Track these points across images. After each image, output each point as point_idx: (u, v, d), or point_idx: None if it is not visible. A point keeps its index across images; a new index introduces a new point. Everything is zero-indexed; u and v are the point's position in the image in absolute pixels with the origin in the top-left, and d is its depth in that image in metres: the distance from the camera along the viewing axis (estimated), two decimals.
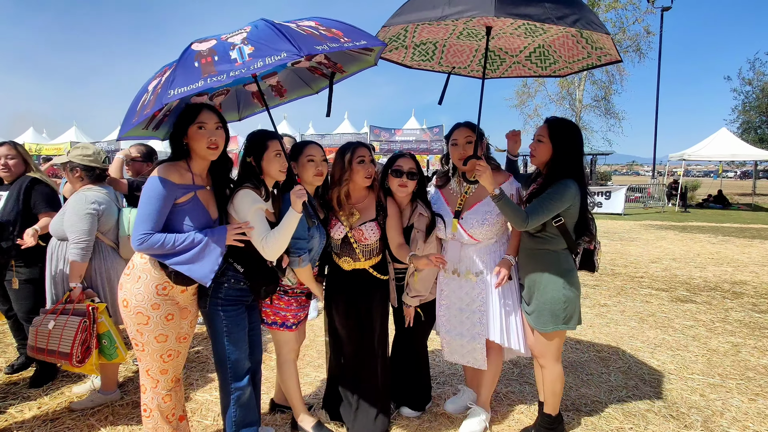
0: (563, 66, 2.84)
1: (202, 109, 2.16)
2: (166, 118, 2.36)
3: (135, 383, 3.42)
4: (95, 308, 2.80)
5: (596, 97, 25.48)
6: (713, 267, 7.60)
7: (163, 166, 2.11)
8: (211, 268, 2.08)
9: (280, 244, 2.19)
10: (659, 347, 4.16)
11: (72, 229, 2.86)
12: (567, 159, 2.45)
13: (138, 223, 2.04)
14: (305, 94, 2.88)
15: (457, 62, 3.06)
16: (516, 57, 2.93)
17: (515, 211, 2.37)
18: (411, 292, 2.66)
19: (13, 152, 3.36)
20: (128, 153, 3.81)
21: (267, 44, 1.77)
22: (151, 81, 1.97)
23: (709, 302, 5.59)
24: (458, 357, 2.79)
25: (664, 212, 17.39)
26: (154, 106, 1.73)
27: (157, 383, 2.24)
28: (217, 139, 2.17)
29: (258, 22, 1.93)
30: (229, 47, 1.78)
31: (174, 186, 2.07)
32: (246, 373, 2.38)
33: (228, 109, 2.79)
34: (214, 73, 1.68)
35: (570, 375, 3.57)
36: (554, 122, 2.51)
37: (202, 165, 2.22)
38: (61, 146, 22.02)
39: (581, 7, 2.18)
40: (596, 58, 2.64)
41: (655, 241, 10.39)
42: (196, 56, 1.76)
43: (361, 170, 2.54)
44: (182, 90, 1.68)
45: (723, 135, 19.30)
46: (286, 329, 2.59)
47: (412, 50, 2.93)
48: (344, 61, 2.63)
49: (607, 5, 23.42)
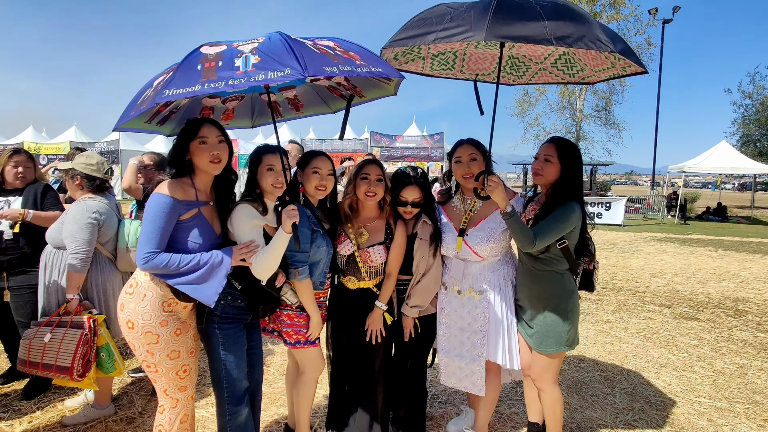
0: (590, 74, 2.74)
1: (203, 124, 2.13)
2: (172, 114, 2.31)
3: (129, 397, 3.33)
4: (95, 320, 2.73)
5: (597, 107, 25.60)
6: (715, 282, 7.56)
7: (166, 182, 2.07)
8: (216, 289, 2.02)
9: (267, 264, 2.12)
10: (664, 367, 4.10)
11: (71, 239, 2.79)
12: (573, 180, 2.43)
13: (142, 242, 1.98)
14: (321, 112, 2.83)
15: (480, 69, 2.99)
16: (541, 64, 2.86)
17: (524, 231, 2.32)
18: (411, 301, 2.58)
19: (28, 161, 3.38)
20: (141, 160, 3.77)
21: (273, 57, 1.71)
22: (159, 77, 1.94)
23: (712, 320, 5.53)
24: (455, 381, 2.70)
25: (663, 224, 17.37)
26: (149, 103, 1.70)
27: (177, 402, 2.17)
28: (220, 153, 2.12)
29: (273, 35, 1.87)
30: (236, 54, 1.73)
31: (177, 203, 2.02)
32: (243, 394, 2.31)
33: (241, 115, 2.73)
34: (213, 79, 1.63)
35: (574, 395, 3.50)
36: (562, 142, 2.47)
37: (205, 180, 2.18)
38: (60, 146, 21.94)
39: (586, 22, 2.05)
40: (621, 68, 2.54)
41: (655, 254, 10.35)
42: (201, 59, 1.72)
43: (363, 186, 2.50)
44: (178, 92, 1.63)
45: (723, 148, 19.35)
46: (311, 345, 2.48)
47: (430, 61, 2.89)
48: (364, 86, 2.60)
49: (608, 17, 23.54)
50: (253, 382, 2.46)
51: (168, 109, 2.26)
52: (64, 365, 2.60)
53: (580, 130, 25.88)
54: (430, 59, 2.88)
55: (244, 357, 2.31)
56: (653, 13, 22.65)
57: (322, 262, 2.46)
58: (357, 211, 2.60)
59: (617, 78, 2.70)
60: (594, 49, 2.01)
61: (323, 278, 2.50)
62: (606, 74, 2.67)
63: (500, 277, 2.62)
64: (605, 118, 25.59)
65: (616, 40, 2.10)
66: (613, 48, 2.00)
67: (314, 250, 2.39)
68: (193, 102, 2.40)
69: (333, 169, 2.51)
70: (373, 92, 2.64)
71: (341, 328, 2.65)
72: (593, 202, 16.85)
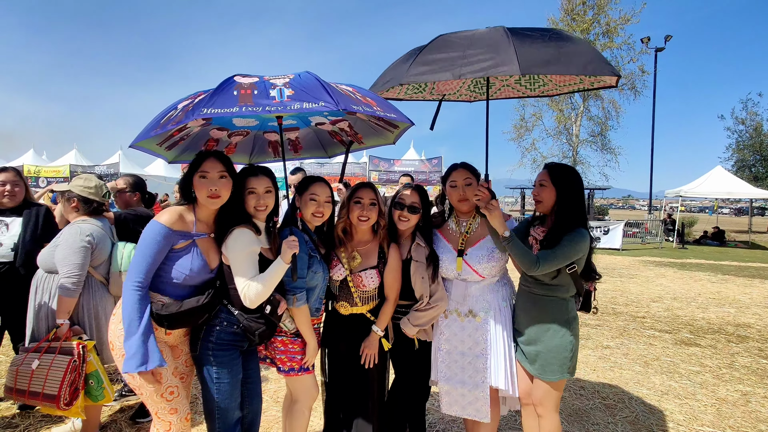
0: (553, 88, 2.88)
1: (207, 158, 2.15)
2: (182, 141, 2.34)
3: (118, 425, 3.24)
4: (84, 346, 2.67)
5: (593, 132, 25.89)
6: (715, 307, 7.49)
7: (167, 210, 2.11)
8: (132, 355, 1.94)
9: (262, 293, 2.10)
10: (666, 395, 4.02)
11: (64, 262, 2.75)
12: (573, 203, 2.42)
13: (133, 267, 2.02)
14: (318, 155, 2.98)
15: (447, 89, 3.14)
16: (506, 81, 2.99)
17: (525, 254, 2.33)
18: (414, 321, 2.53)
19: (17, 178, 3.36)
20: (114, 185, 3.73)
21: (307, 91, 1.82)
22: (183, 101, 2.00)
23: (714, 346, 5.46)
24: (458, 409, 2.63)
25: (661, 248, 17.35)
26: (182, 119, 1.76)
27: (169, 425, 2.12)
28: (219, 189, 2.14)
29: (302, 73, 1.98)
30: (270, 86, 1.82)
31: (172, 233, 2.06)
32: (236, 424, 2.25)
33: (241, 151, 2.80)
34: (250, 104, 1.72)
35: (575, 424, 3.41)
36: (554, 166, 2.50)
37: (207, 212, 2.20)
38: (61, 169, 22.03)
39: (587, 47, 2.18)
40: (588, 83, 2.66)
41: (654, 278, 10.29)
42: (236, 86, 1.80)
43: (356, 210, 2.49)
44: (216, 111, 1.70)
45: (718, 173, 19.50)
46: (305, 373, 2.43)
47: (406, 87, 3.02)
48: (366, 133, 2.71)
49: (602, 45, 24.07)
50: (252, 412, 2.41)
51: (180, 135, 2.30)
52: (51, 393, 2.53)
53: (577, 155, 26.11)
54: (407, 86, 3.00)
55: (238, 386, 2.26)
56: (646, 42, 23.17)
57: (319, 288, 2.43)
58: (350, 234, 2.58)
59: (582, 91, 2.86)
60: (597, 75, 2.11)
61: (319, 304, 2.47)
62: (570, 88, 2.81)
63: (499, 298, 2.60)
64: (601, 143, 25.86)
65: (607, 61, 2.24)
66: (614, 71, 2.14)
67: (311, 275, 2.37)
68: (201, 132, 2.44)
69: (331, 195, 2.51)
70: (372, 140, 2.75)
71: (335, 355, 2.60)
72: (591, 226, 16.84)
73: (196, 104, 1.76)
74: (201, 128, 2.36)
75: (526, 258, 2.31)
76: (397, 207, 2.58)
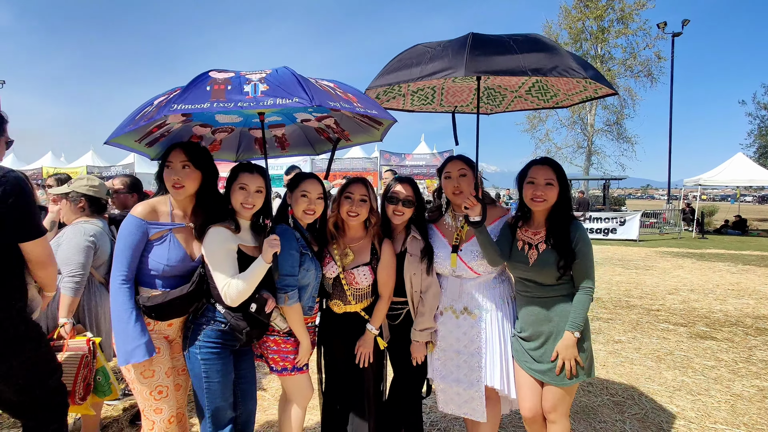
0: (564, 98, 2.84)
1: (173, 149, 2.17)
2: (162, 138, 2.34)
3: (120, 425, 3.27)
4: (94, 342, 2.70)
5: (608, 121, 25.38)
6: (734, 299, 7.27)
7: (141, 203, 2.14)
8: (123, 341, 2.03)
9: (242, 292, 2.07)
10: (678, 391, 3.90)
11: (68, 262, 2.77)
12: (567, 199, 2.37)
13: (115, 262, 2.06)
14: (306, 153, 2.96)
15: (458, 101, 3.09)
16: (516, 92, 2.95)
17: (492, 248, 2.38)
18: (419, 324, 2.48)
19: None
20: (112, 184, 3.73)
21: (282, 87, 1.79)
22: (159, 97, 2.00)
23: (731, 339, 5.29)
24: (454, 407, 2.57)
25: (680, 238, 16.95)
26: (154, 116, 1.75)
27: (153, 425, 2.13)
28: (181, 179, 2.14)
29: (280, 68, 1.95)
30: (245, 81, 1.80)
31: (143, 223, 2.09)
32: (227, 423, 2.23)
33: (227, 148, 2.78)
34: (222, 100, 1.70)
35: (581, 422, 3.33)
36: (557, 164, 2.40)
37: (183, 202, 2.21)
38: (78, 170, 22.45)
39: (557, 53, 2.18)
40: (593, 91, 2.65)
41: (671, 269, 10.05)
42: (210, 82, 1.79)
43: (345, 205, 2.46)
44: (187, 107, 1.68)
45: (739, 160, 18.90)
46: (298, 372, 2.40)
47: (410, 97, 2.99)
48: (352, 130, 2.68)
49: (616, 32, 23.53)
50: (245, 412, 2.39)
51: (160, 132, 2.28)
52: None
53: (592, 144, 25.64)
54: (410, 95, 3.00)
55: (229, 386, 2.24)
56: (662, 27, 22.53)
57: (311, 286, 2.40)
58: (342, 230, 2.55)
59: (590, 100, 2.86)
60: (567, 77, 2.14)
61: (312, 303, 2.44)
62: (578, 97, 2.78)
63: (496, 295, 2.53)
64: (617, 132, 25.33)
65: (586, 67, 2.26)
66: (584, 74, 2.13)
67: (303, 273, 2.34)
68: (184, 129, 2.42)
69: (323, 192, 2.47)
70: (359, 137, 2.73)
71: (330, 354, 2.57)
72: (607, 217, 16.53)
73: (169, 100, 1.74)
74: (183, 124, 2.34)
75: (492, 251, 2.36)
76: (392, 202, 2.54)
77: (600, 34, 24.00)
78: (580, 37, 24.62)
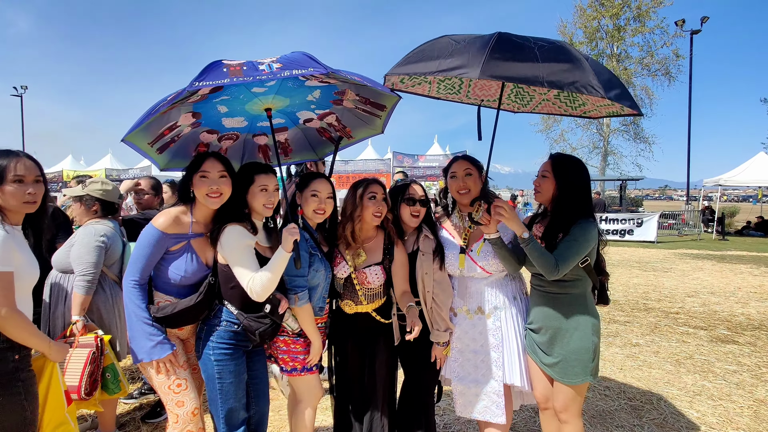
0: (592, 108, 2.73)
1: (207, 158, 2.19)
2: (173, 143, 2.35)
3: (136, 423, 3.31)
4: (102, 339, 2.76)
5: (624, 121, 24.95)
6: (756, 302, 7.07)
7: (164, 213, 2.16)
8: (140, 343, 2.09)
9: (268, 285, 2.07)
10: (698, 395, 3.80)
11: (79, 261, 2.85)
12: (574, 195, 2.32)
13: (129, 267, 2.12)
14: (308, 158, 2.96)
15: (486, 95, 3.00)
16: (545, 95, 2.85)
17: (544, 256, 2.22)
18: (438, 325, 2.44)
19: None
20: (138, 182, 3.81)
21: (295, 62, 1.86)
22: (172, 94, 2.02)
23: (753, 343, 5.14)
24: (473, 411, 2.54)
25: (700, 240, 16.58)
26: (174, 98, 1.81)
27: (177, 417, 2.17)
28: (220, 188, 2.17)
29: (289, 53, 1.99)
30: (258, 64, 1.86)
31: (166, 237, 2.13)
32: (241, 424, 2.24)
33: (232, 157, 2.82)
34: (240, 75, 1.75)
35: (598, 426, 3.27)
36: (558, 157, 2.41)
37: (205, 212, 2.24)
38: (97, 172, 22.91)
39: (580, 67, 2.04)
40: (619, 108, 2.51)
41: (691, 272, 9.83)
42: (224, 65, 1.83)
43: (371, 206, 2.42)
44: (208, 82, 1.74)
45: (761, 159, 18.42)
46: (308, 373, 2.40)
47: (436, 84, 2.90)
48: (354, 125, 2.69)
49: (633, 29, 23.19)
50: (258, 412, 2.40)
51: (170, 136, 2.30)
52: (72, 384, 2.61)
53: (608, 144, 25.27)
54: (437, 83, 2.90)
55: (242, 386, 2.26)
56: (680, 25, 22.12)
57: (321, 287, 2.39)
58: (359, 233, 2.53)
59: (616, 116, 2.76)
60: (584, 93, 2.01)
61: (322, 303, 2.43)
62: (606, 110, 2.66)
63: (509, 293, 2.52)
64: (634, 132, 24.92)
65: (610, 86, 2.08)
66: (603, 94, 1.99)
67: (312, 274, 2.33)
68: (192, 135, 2.44)
69: (333, 192, 2.46)
70: (361, 132, 2.74)
71: (342, 355, 2.56)
72: (623, 218, 16.25)
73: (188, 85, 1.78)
74: (191, 129, 2.37)
75: (546, 260, 2.21)
76: (409, 203, 2.52)
77: (616, 32, 23.66)
78: (596, 36, 24.31)
